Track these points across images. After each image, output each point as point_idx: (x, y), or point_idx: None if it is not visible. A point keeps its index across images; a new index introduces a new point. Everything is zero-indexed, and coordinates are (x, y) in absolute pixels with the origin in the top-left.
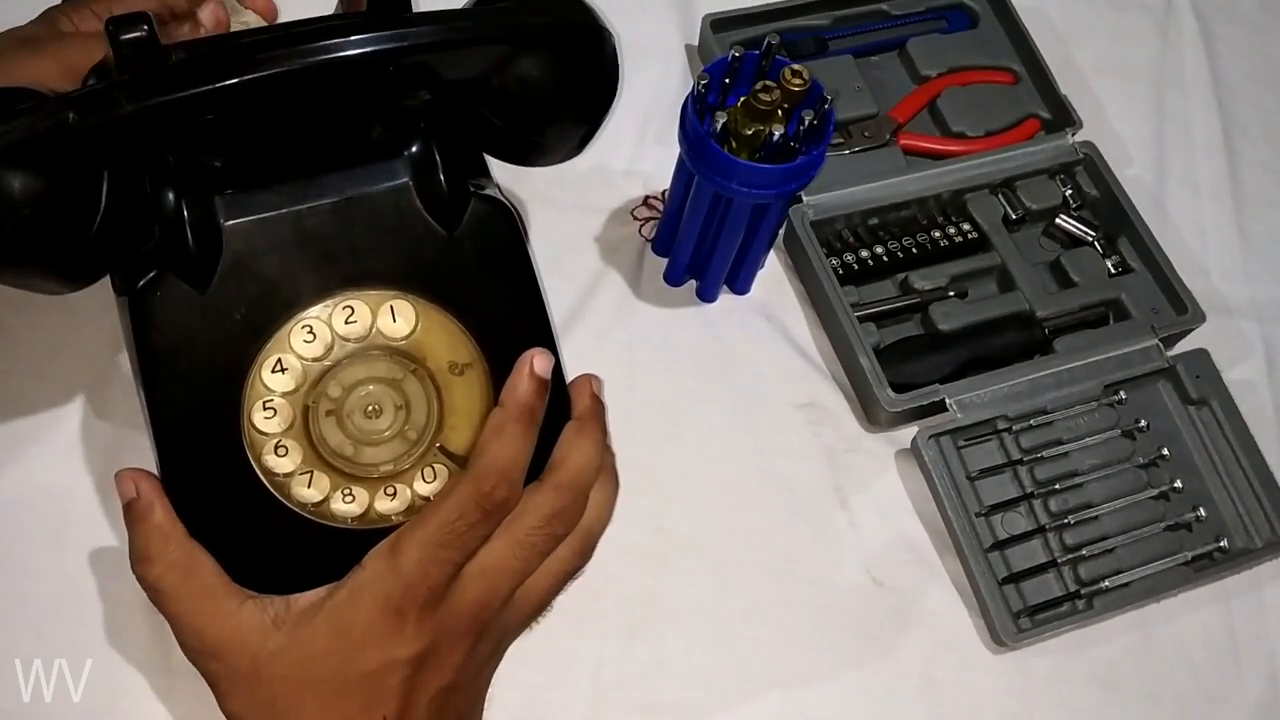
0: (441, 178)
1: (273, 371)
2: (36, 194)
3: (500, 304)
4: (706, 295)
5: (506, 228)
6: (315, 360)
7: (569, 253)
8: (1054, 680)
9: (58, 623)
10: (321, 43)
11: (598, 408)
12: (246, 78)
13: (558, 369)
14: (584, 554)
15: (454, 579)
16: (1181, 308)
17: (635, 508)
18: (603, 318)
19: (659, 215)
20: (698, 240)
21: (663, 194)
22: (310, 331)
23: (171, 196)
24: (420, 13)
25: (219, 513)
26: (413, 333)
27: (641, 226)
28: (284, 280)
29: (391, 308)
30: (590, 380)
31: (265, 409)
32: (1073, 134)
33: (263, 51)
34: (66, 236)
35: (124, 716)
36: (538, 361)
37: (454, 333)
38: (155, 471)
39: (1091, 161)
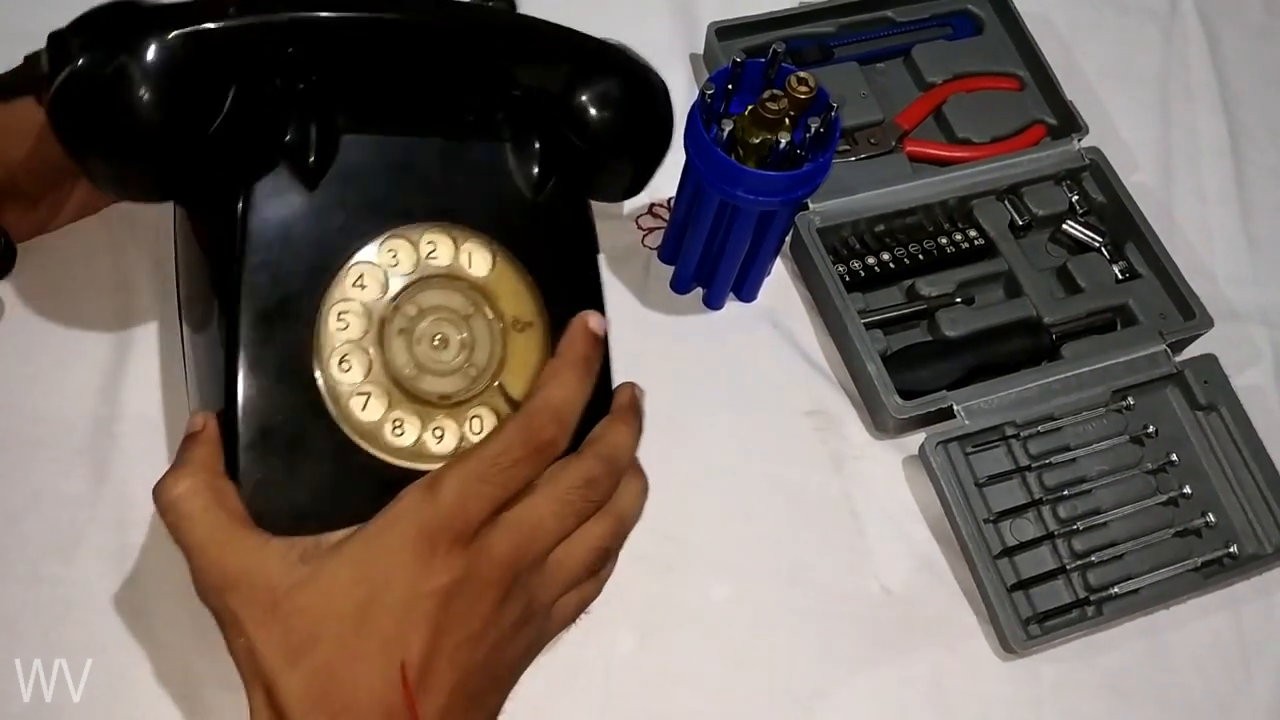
0: (537, 149)
1: (354, 283)
2: (171, 75)
3: (566, 274)
4: (713, 303)
5: (582, 207)
6: (397, 277)
7: None
8: (1064, 687)
9: (57, 623)
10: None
11: (637, 406)
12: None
13: (606, 366)
14: (616, 535)
15: (490, 522)
16: (1189, 313)
17: (643, 515)
18: (609, 325)
19: (664, 224)
20: (704, 248)
21: (668, 201)
22: (394, 254)
23: (301, 98)
24: (520, 14)
25: (273, 421)
26: (488, 275)
27: (644, 237)
28: (383, 198)
29: (470, 251)
30: (632, 386)
31: (340, 318)
32: (1079, 140)
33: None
34: (186, 126)
35: (124, 717)
36: (593, 320)
37: (522, 290)
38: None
39: (1098, 167)
